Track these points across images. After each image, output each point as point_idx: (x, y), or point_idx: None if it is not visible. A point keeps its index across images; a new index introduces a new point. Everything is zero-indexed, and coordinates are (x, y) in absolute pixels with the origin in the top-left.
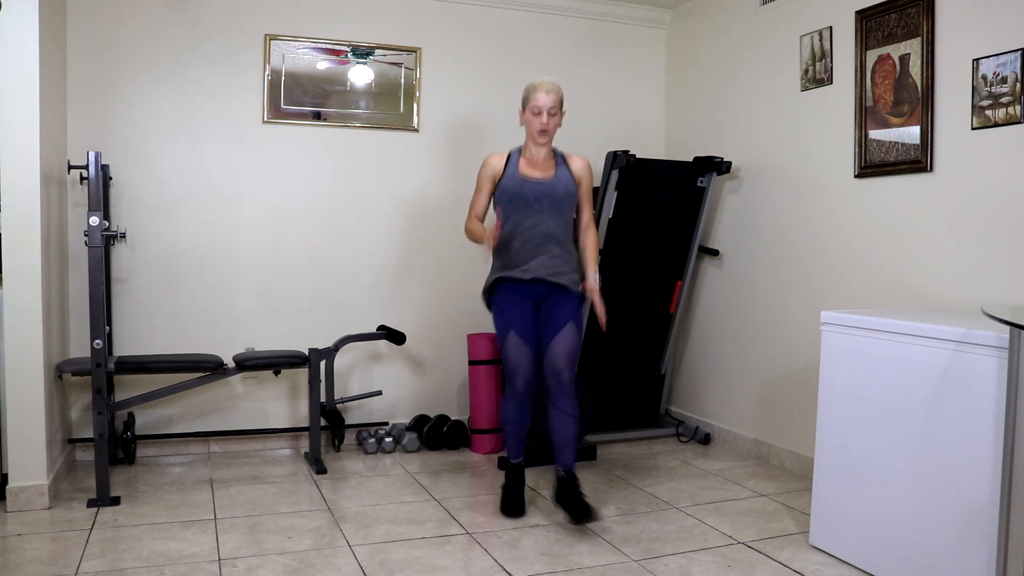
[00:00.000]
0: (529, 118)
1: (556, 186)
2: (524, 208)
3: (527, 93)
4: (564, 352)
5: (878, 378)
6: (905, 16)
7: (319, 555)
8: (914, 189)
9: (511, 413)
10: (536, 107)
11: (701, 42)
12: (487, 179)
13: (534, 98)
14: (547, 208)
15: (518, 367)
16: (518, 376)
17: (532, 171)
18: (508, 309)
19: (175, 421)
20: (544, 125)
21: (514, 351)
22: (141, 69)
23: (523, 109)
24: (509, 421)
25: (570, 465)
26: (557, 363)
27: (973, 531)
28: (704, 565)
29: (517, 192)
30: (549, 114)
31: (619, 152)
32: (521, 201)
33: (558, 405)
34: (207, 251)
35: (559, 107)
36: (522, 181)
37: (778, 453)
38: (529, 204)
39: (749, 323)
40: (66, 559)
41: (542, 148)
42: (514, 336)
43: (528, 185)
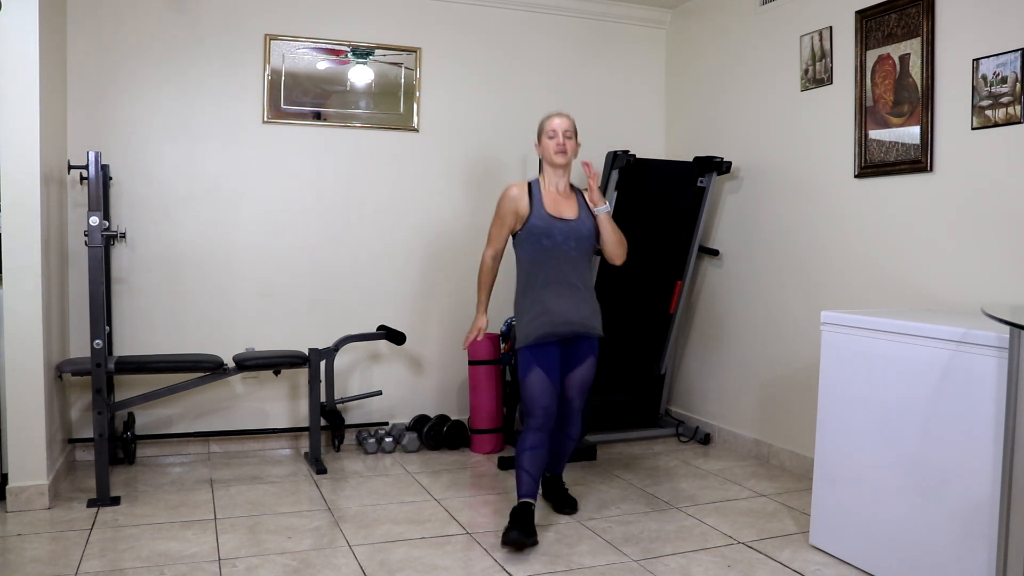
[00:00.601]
0: (546, 143)
1: (582, 228)
2: (552, 249)
3: (541, 123)
4: (580, 382)
5: (878, 378)
6: (905, 16)
7: (319, 555)
8: (914, 189)
9: (530, 441)
10: (551, 130)
11: (701, 42)
12: (511, 212)
13: (548, 123)
14: (574, 250)
15: (538, 401)
16: (539, 409)
17: (557, 210)
18: (540, 351)
19: (175, 421)
20: (561, 146)
21: (538, 386)
22: (141, 69)
23: (538, 141)
24: (526, 448)
25: (560, 472)
26: (571, 391)
27: (973, 531)
28: (704, 565)
29: (546, 231)
30: (565, 136)
31: (619, 152)
32: (550, 241)
33: (564, 429)
34: (207, 251)
35: (574, 133)
36: (551, 220)
37: (778, 453)
38: (557, 245)
39: (749, 323)
40: (66, 559)
41: (561, 176)
42: (539, 373)
43: (557, 225)
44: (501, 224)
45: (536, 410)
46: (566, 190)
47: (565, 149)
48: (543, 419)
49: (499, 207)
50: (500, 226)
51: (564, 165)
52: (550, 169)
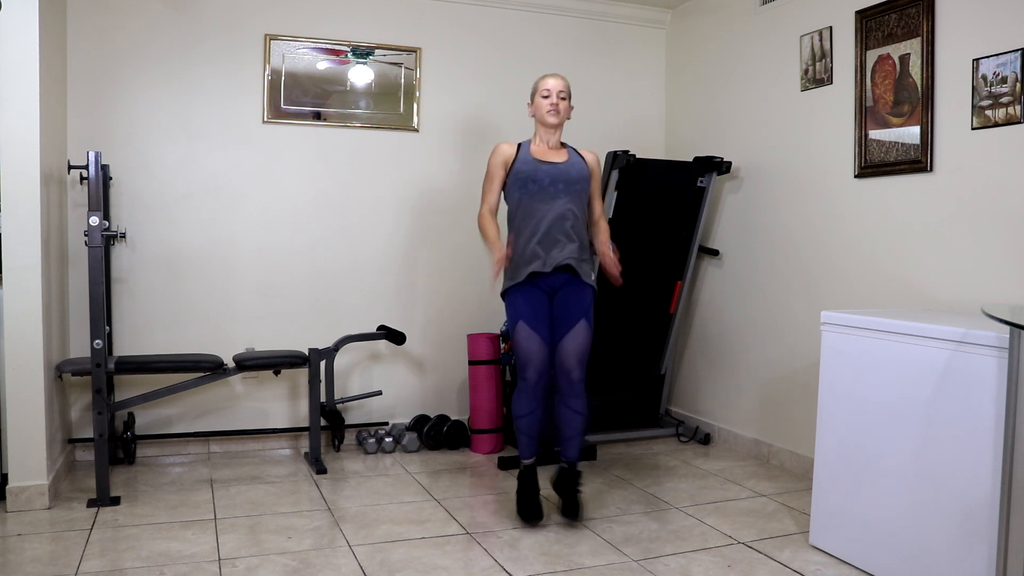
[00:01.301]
0: (539, 101)
1: (570, 170)
2: (539, 192)
3: (535, 83)
4: (575, 351)
5: (878, 378)
6: (905, 16)
7: (319, 555)
8: (914, 189)
9: (524, 405)
10: (545, 90)
11: (701, 42)
12: (499, 165)
13: (543, 82)
14: (562, 192)
15: (529, 357)
16: (529, 367)
17: (544, 155)
18: (520, 301)
19: (175, 421)
20: (554, 105)
21: (524, 341)
22: (141, 69)
23: (531, 100)
24: (521, 414)
25: (574, 457)
26: (568, 362)
27: (973, 531)
28: (704, 565)
29: (531, 175)
30: (559, 96)
31: (619, 152)
32: (536, 184)
33: (568, 404)
34: (207, 251)
35: (568, 93)
36: (536, 163)
37: (778, 453)
38: (544, 188)
39: (749, 323)
40: (66, 559)
41: (552, 134)
42: (524, 326)
43: (543, 168)
44: (491, 179)
45: (528, 370)
46: (556, 146)
47: (558, 108)
48: (535, 379)
49: (488, 163)
50: (490, 180)
51: (556, 125)
52: (542, 128)
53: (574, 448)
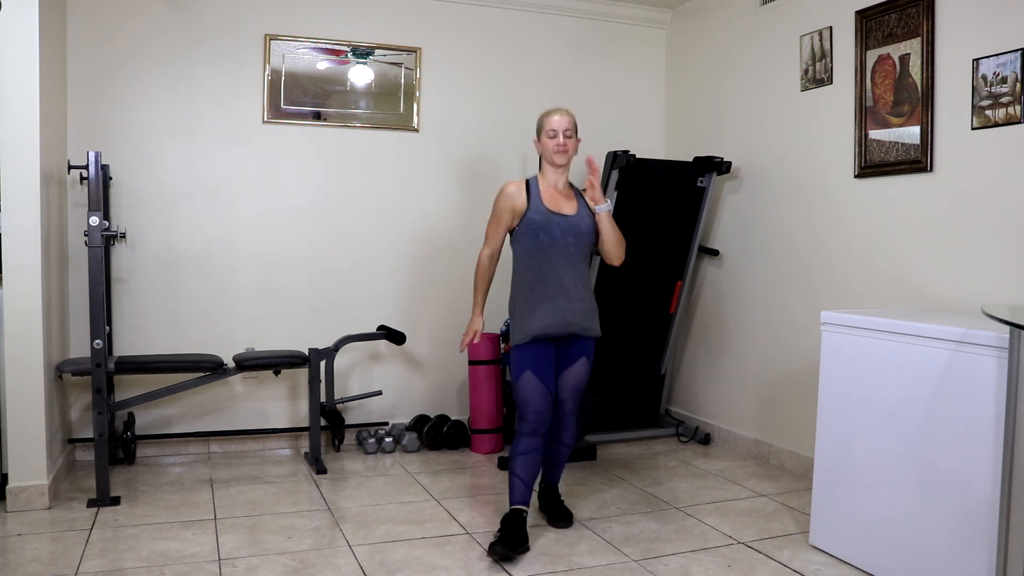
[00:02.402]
0: (545, 142)
1: (580, 223)
2: (550, 244)
3: (540, 120)
4: (572, 384)
5: (878, 378)
6: (905, 16)
7: (319, 555)
8: (914, 189)
9: (524, 445)
10: (551, 129)
11: (701, 42)
12: (507, 210)
13: (548, 120)
14: (572, 246)
15: (529, 402)
16: (528, 410)
17: (556, 205)
18: (528, 352)
19: (175, 421)
20: (561, 145)
21: (529, 388)
22: (141, 69)
23: (538, 137)
24: (520, 453)
25: (555, 483)
26: (563, 393)
27: (973, 531)
28: (704, 565)
29: (543, 226)
30: (565, 135)
31: (619, 152)
32: (547, 236)
33: (557, 435)
34: (207, 251)
35: (574, 130)
36: (549, 215)
37: (778, 453)
38: (555, 240)
39: (749, 323)
40: (66, 559)
41: (560, 175)
42: (530, 375)
43: (555, 220)
44: (498, 222)
45: (528, 413)
46: (565, 188)
47: (566, 148)
48: (535, 423)
49: (496, 205)
50: (497, 224)
51: (564, 165)
52: (549, 167)
53: (558, 475)
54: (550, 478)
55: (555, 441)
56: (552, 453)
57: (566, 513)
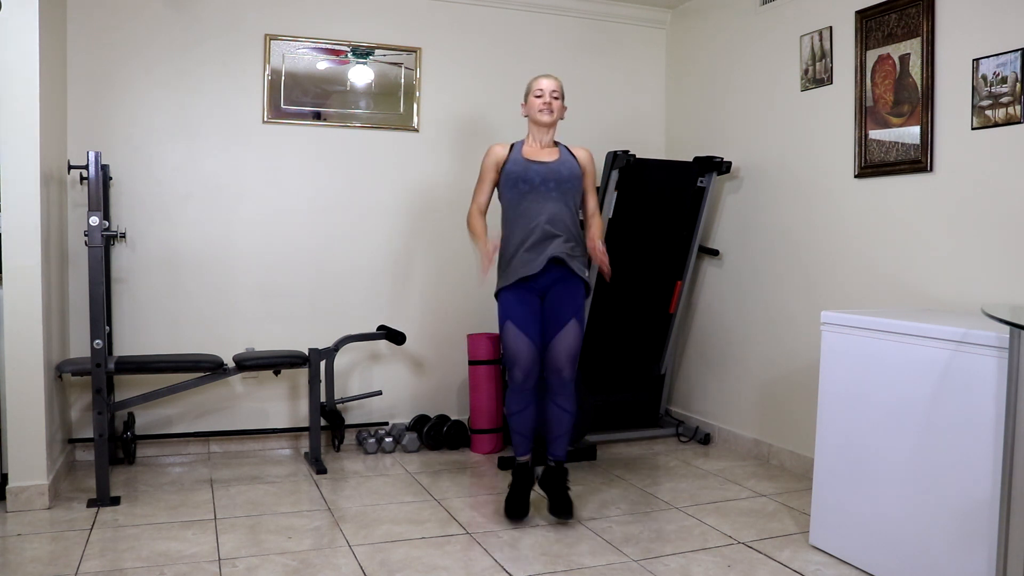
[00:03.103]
0: (532, 101)
1: (561, 168)
2: (530, 192)
3: (529, 83)
4: (566, 350)
5: (878, 378)
6: (905, 16)
7: (319, 555)
8: (914, 189)
9: (514, 404)
10: (539, 89)
11: (701, 42)
12: (491, 167)
13: (536, 82)
14: (553, 190)
15: (516, 357)
16: (516, 367)
17: (536, 155)
18: (512, 301)
19: (175, 421)
20: (547, 104)
21: (512, 341)
22: (141, 69)
23: (524, 100)
24: (512, 412)
25: (561, 456)
26: (558, 361)
27: (973, 531)
28: (704, 565)
29: (522, 175)
30: (552, 96)
31: (619, 152)
32: (527, 184)
33: (557, 402)
34: (207, 251)
35: (561, 93)
36: (527, 163)
37: (778, 453)
38: (535, 187)
39: (749, 323)
40: (66, 559)
41: (545, 133)
42: (511, 326)
43: (533, 167)
44: (482, 179)
45: (514, 370)
46: (549, 145)
47: (551, 107)
48: (522, 379)
49: (481, 164)
50: (481, 180)
51: (548, 124)
52: (534, 127)
53: (561, 446)
54: (555, 450)
55: (555, 407)
56: (553, 421)
57: (568, 504)
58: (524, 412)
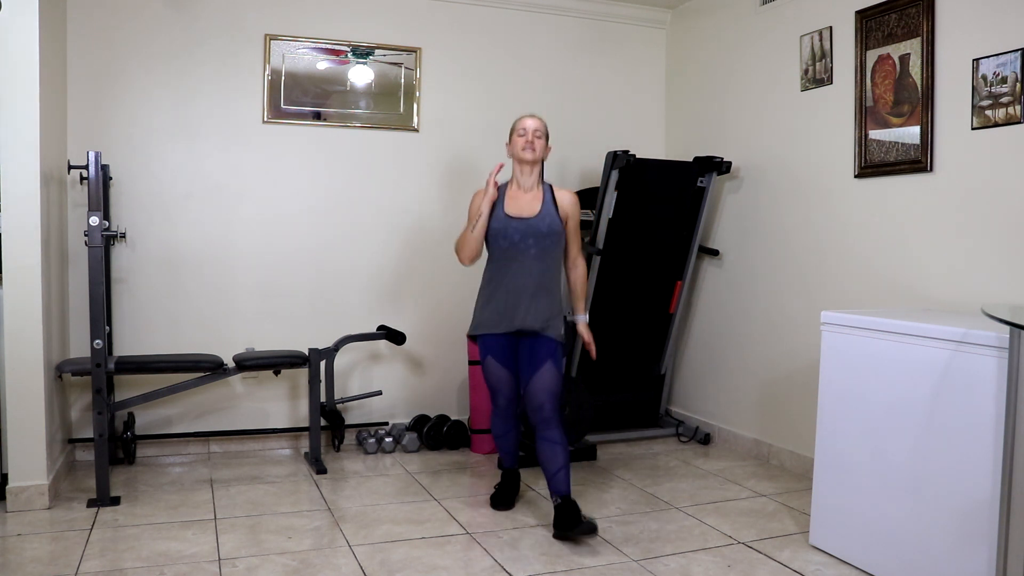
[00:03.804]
0: (515, 140)
1: (540, 225)
2: (510, 248)
3: (513, 124)
4: (543, 388)
5: (878, 378)
6: (905, 16)
7: (319, 555)
8: (914, 189)
9: (499, 427)
10: (522, 129)
11: (701, 42)
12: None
13: (520, 122)
14: (533, 247)
15: (498, 388)
16: (499, 395)
17: (516, 208)
18: (489, 341)
19: (175, 421)
20: (529, 143)
21: (493, 373)
22: (141, 69)
23: (509, 140)
24: (498, 435)
25: (566, 491)
26: (538, 399)
27: (973, 531)
28: (704, 565)
29: (502, 232)
30: (535, 135)
31: (619, 152)
32: (506, 241)
33: (545, 436)
34: (207, 251)
35: (545, 133)
36: (507, 220)
37: (778, 453)
38: (515, 244)
39: (749, 323)
40: (66, 559)
41: (529, 175)
42: (491, 361)
43: (513, 224)
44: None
45: (498, 398)
46: (533, 188)
47: (534, 147)
48: (504, 405)
49: (469, 210)
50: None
51: (531, 162)
52: (518, 168)
53: (562, 481)
54: (557, 487)
55: (545, 442)
56: (548, 458)
57: (588, 526)
58: (508, 435)
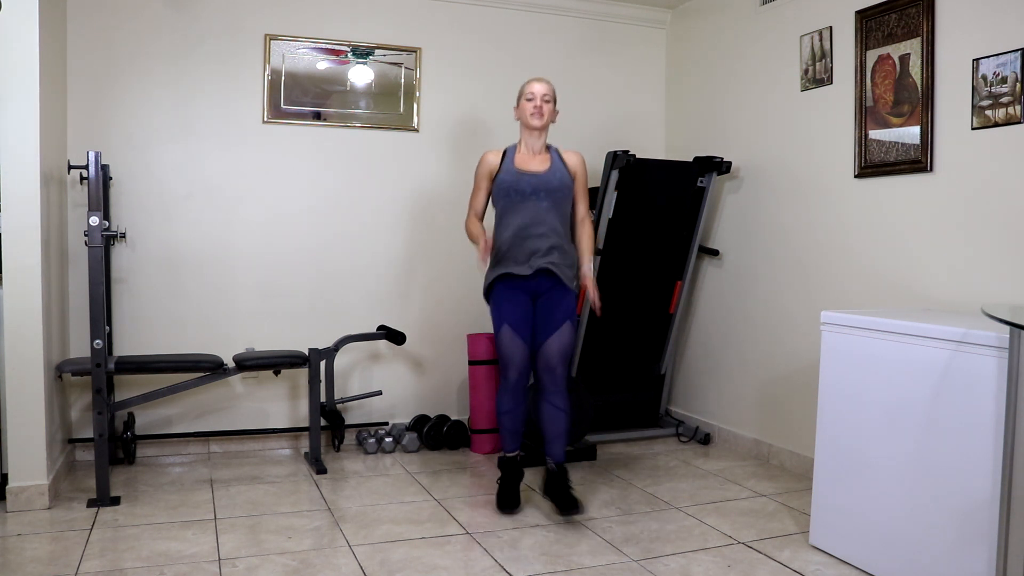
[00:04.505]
0: (523, 104)
1: (551, 179)
2: (521, 202)
3: (521, 88)
4: (559, 349)
5: (878, 378)
6: (905, 16)
7: (319, 555)
8: (914, 189)
9: (506, 403)
10: (530, 93)
11: (701, 42)
12: (484, 176)
13: (528, 86)
14: (544, 200)
15: (511, 359)
16: (511, 368)
17: (527, 165)
18: (504, 303)
19: (175, 421)
20: (538, 108)
21: (507, 344)
22: (141, 69)
23: (517, 104)
24: (504, 411)
25: (560, 458)
26: (551, 360)
27: (973, 531)
28: (704, 565)
29: (514, 185)
30: (543, 100)
31: (619, 152)
32: (518, 195)
33: (550, 400)
34: (207, 251)
35: (553, 97)
36: (518, 174)
37: (778, 453)
38: (526, 197)
39: (749, 323)
40: (66, 559)
41: (537, 138)
42: (508, 329)
43: (524, 178)
44: (477, 188)
45: (511, 372)
46: (541, 151)
47: (542, 112)
48: (515, 379)
49: (475, 173)
50: (476, 189)
51: (540, 128)
52: (526, 132)
53: (559, 448)
54: (553, 451)
55: (549, 407)
56: (549, 421)
57: (575, 501)
58: (515, 411)
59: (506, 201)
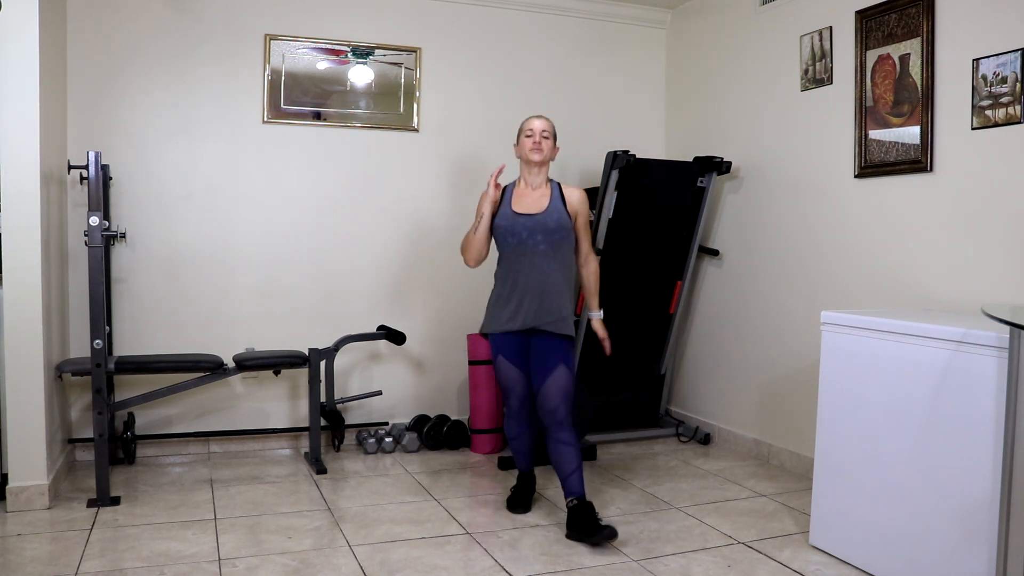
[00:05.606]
0: (523, 141)
1: (548, 220)
2: (519, 246)
3: (521, 125)
4: (556, 391)
5: (878, 378)
6: (905, 16)
7: (319, 555)
8: (914, 189)
9: (512, 429)
10: (529, 129)
11: (701, 42)
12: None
13: (528, 123)
14: (541, 243)
15: (511, 388)
16: (511, 396)
17: (524, 206)
18: (499, 336)
19: (175, 421)
20: (536, 144)
21: (505, 373)
22: (141, 69)
23: (517, 142)
24: (512, 438)
25: (580, 493)
26: (550, 402)
27: (973, 531)
28: (704, 565)
29: (510, 230)
30: (542, 136)
31: (619, 152)
32: (515, 238)
33: (557, 438)
34: (207, 251)
35: (552, 134)
36: (514, 218)
37: (778, 453)
38: (523, 241)
39: (749, 323)
40: (66, 559)
41: (536, 174)
42: (503, 360)
43: (520, 221)
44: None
45: (511, 398)
46: (541, 186)
47: (541, 147)
48: (518, 406)
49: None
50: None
51: (539, 163)
52: (525, 167)
53: (576, 482)
54: (572, 488)
55: (557, 444)
56: (561, 460)
57: (606, 529)
58: (523, 436)
59: (504, 245)
